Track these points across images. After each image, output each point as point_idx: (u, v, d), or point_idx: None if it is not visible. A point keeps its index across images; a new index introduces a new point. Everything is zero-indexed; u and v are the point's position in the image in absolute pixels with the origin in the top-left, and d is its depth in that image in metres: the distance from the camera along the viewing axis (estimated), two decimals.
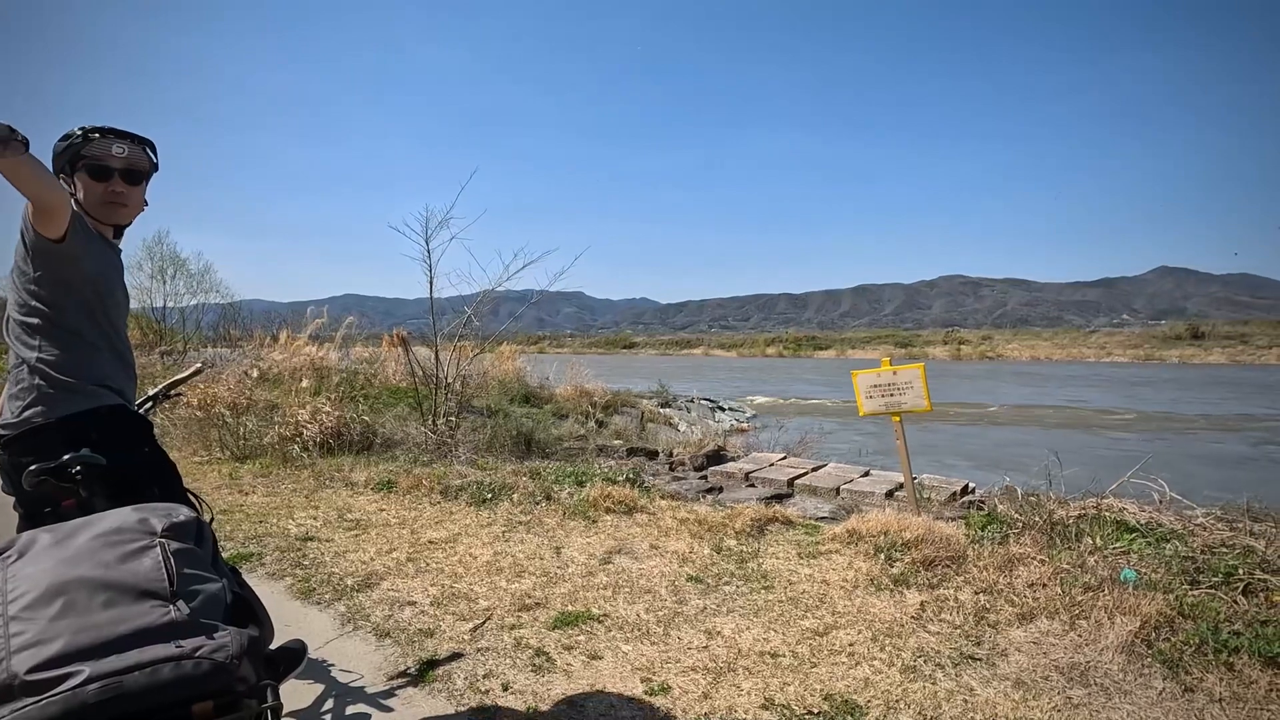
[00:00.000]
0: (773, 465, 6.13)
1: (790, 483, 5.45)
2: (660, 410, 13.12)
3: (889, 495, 4.99)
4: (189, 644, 1.04)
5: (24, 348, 1.68)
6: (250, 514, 4.68)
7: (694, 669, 2.52)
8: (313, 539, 4.13)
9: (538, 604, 3.10)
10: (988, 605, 2.97)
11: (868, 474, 5.72)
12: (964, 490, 5.12)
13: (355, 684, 2.47)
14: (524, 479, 5.24)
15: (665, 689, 2.39)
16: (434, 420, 7.22)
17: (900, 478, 4.97)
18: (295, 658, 1.77)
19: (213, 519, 1.47)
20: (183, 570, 1.16)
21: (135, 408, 1.89)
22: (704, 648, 2.69)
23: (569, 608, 3.05)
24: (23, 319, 1.69)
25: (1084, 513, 3.65)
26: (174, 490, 1.78)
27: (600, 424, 9.88)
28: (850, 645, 2.68)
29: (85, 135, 1.70)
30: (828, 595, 3.17)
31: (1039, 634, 2.73)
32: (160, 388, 2.42)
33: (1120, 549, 3.29)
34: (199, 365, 2.89)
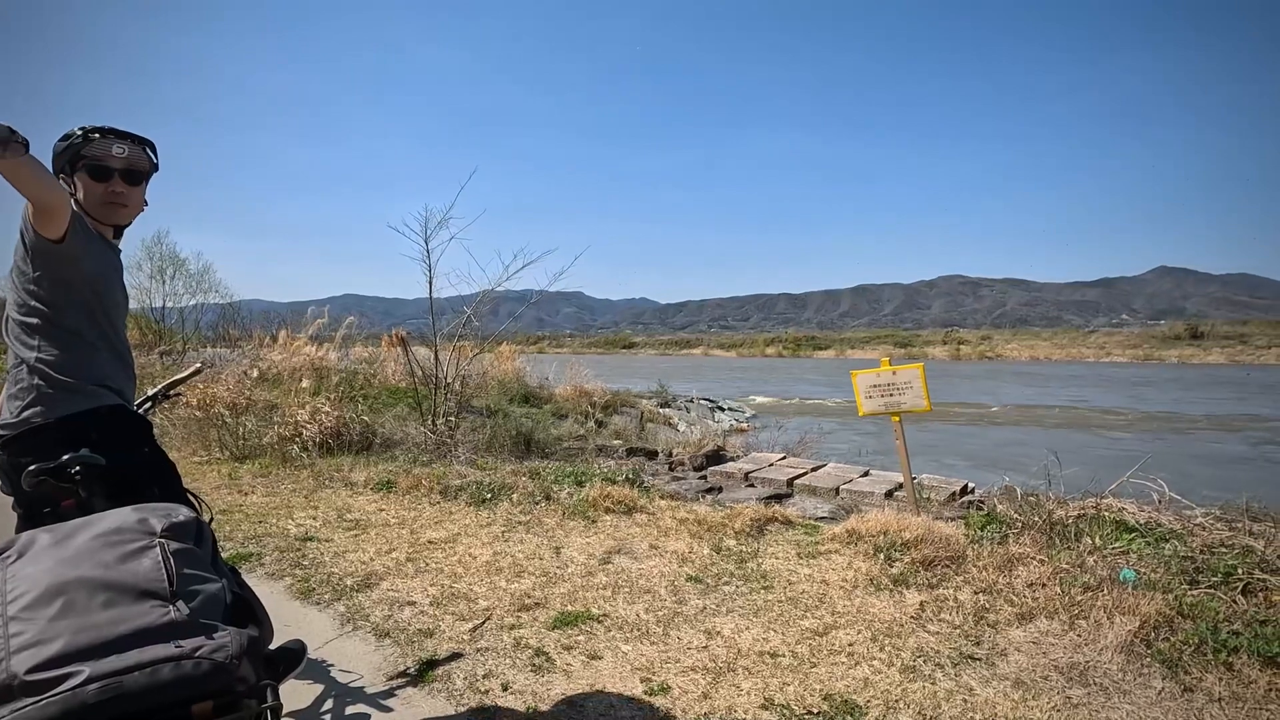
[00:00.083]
0: (772, 465, 6.14)
1: (790, 483, 5.45)
2: (660, 410, 13.12)
3: (888, 495, 4.99)
4: (189, 644, 1.04)
5: (23, 348, 1.68)
6: (249, 514, 4.68)
7: (693, 669, 2.52)
8: (312, 539, 4.12)
9: (537, 604, 3.10)
10: (987, 605, 2.98)
11: (867, 474, 5.72)
12: (963, 490, 5.12)
13: (355, 684, 2.47)
14: (523, 479, 5.24)
15: (665, 689, 2.39)
16: (433, 420, 7.22)
17: (900, 477, 4.97)
18: (295, 658, 1.78)
19: (212, 519, 1.47)
20: (182, 570, 1.16)
21: (135, 408, 1.89)
22: (703, 648, 2.69)
23: (568, 608, 3.05)
24: (22, 319, 1.69)
25: (1083, 513, 3.65)
26: (173, 490, 1.77)
27: (600, 424, 9.88)
28: (850, 645, 2.68)
29: (85, 135, 1.70)
30: (827, 595, 3.17)
31: (1038, 634, 2.74)
32: (159, 388, 2.42)
33: (1119, 549, 3.29)
34: (198, 365, 2.89)
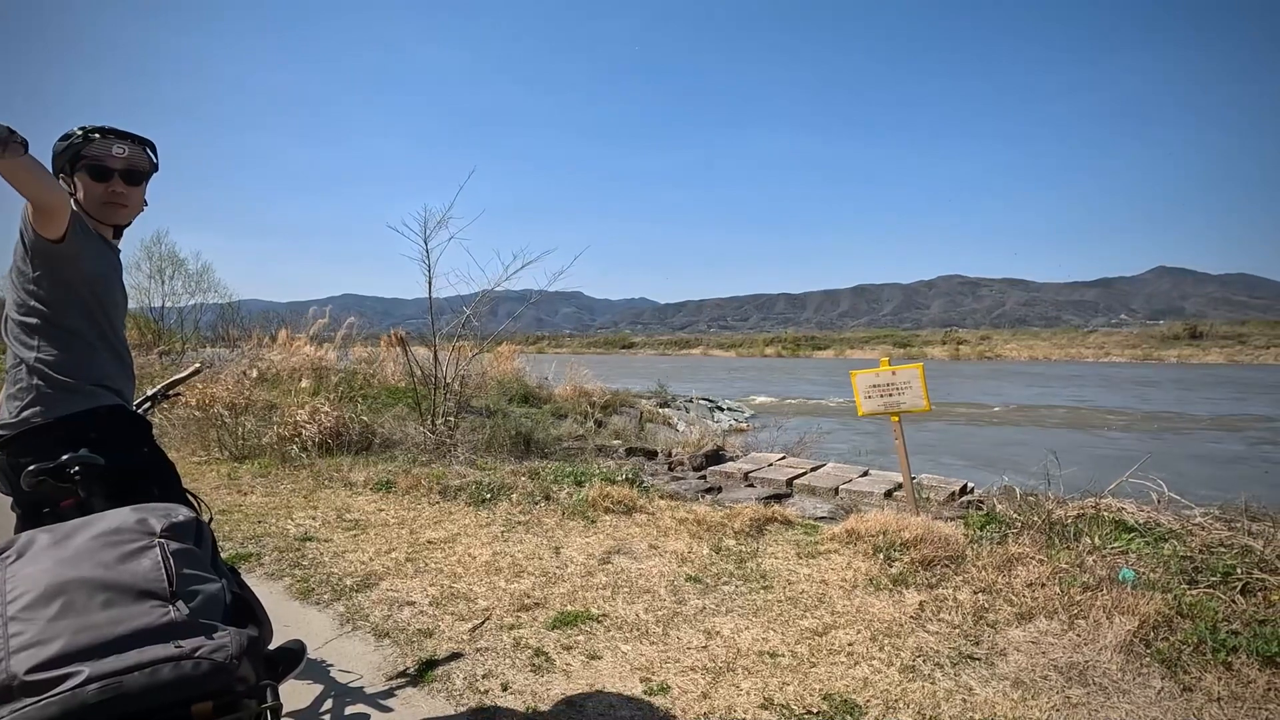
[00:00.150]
0: (771, 465, 6.14)
1: (789, 482, 5.45)
2: (659, 410, 13.11)
3: (888, 495, 5.00)
4: (188, 644, 1.04)
5: (22, 348, 1.68)
6: (249, 514, 4.68)
7: (693, 669, 2.52)
8: (311, 539, 4.12)
9: (537, 604, 3.10)
10: (986, 605, 2.98)
11: (866, 474, 5.72)
12: (963, 490, 5.13)
13: (354, 684, 2.47)
14: (523, 479, 5.24)
15: (664, 689, 2.39)
16: (433, 420, 7.22)
17: (899, 477, 4.97)
18: (294, 658, 1.77)
19: (211, 519, 1.47)
20: (182, 570, 1.16)
21: (134, 408, 1.89)
22: (703, 647, 2.69)
23: (568, 608, 3.05)
24: (21, 319, 1.69)
25: (1082, 512, 3.66)
26: (173, 490, 1.77)
27: (599, 424, 9.88)
28: (849, 645, 2.68)
29: (85, 135, 1.70)
30: (827, 595, 3.17)
31: (1038, 633, 2.74)
32: (159, 388, 2.42)
33: (1119, 549, 3.30)
34: (197, 365, 2.89)
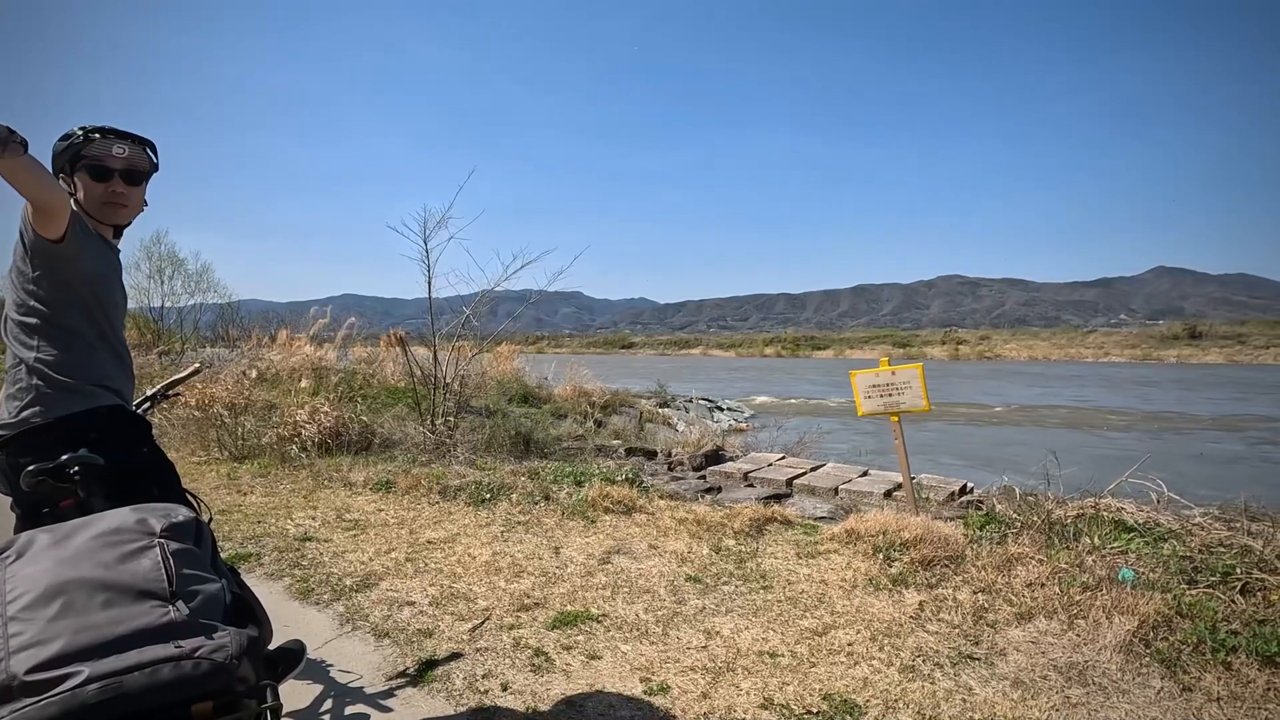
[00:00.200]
0: (771, 465, 6.14)
1: (789, 483, 5.45)
2: (659, 410, 13.11)
3: (887, 495, 5.00)
4: (188, 644, 1.04)
5: (22, 348, 1.68)
6: (248, 514, 4.67)
7: (693, 669, 2.52)
8: (311, 539, 4.12)
9: (536, 604, 3.10)
10: (986, 605, 2.98)
11: (866, 474, 5.72)
12: (962, 490, 5.13)
13: (354, 684, 2.47)
14: (522, 479, 5.23)
15: (664, 689, 2.39)
16: (432, 420, 7.22)
17: (899, 477, 4.97)
18: (294, 658, 1.77)
19: (211, 519, 1.47)
20: (182, 570, 1.16)
21: (133, 408, 1.89)
22: (703, 647, 2.69)
23: (568, 608, 3.05)
24: (21, 319, 1.68)
25: (1082, 512, 3.66)
26: (172, 490, 1.77)
27: (599, 424, 9.87)
28: (849, 645, 2.68)
29: (85, 135, 1.70)
30: (826, 595, 3.18)
31: (1037, 633, 2.74)
32: (158, 388, 2.41)
33: (1118, 548, 3.30)
34: (197, 365, 2.89)
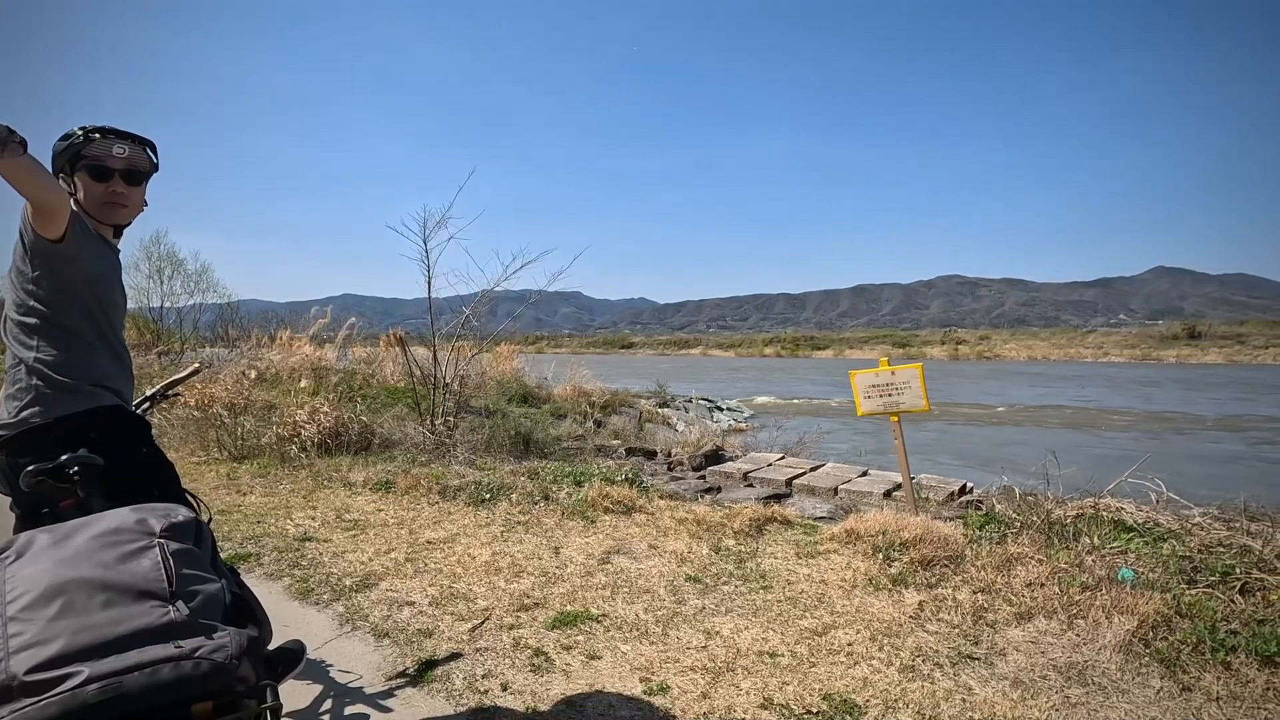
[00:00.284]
0: (771, 465, 6.14)
1: (788, 482, 5.45)
2: (658, 410, 13.10)
3: (887, 495, 5.00)
4: (188, 644, 1.04)
5: (22, 348, 1.68)
6: (248, 514, 4.67)
7: (693, 669, 2.52)
8: (311, 539, 4.12)
9: (536, 604, 3.10)
10: (986, 605, 2.98)
11: (866, 474, 5.72)
12: (962, 490, 5.13)
13: (354, 684, 2.47)
14: (522, 479, 5.23)
15: (664, 689, 2.39)
16: (432, 420, 7.22)
17: (898, 477, 4.97)
18: (294, 658, 1.77)
19: (210, 519, 1.46)
20: (182, 570, 1.16)
21: (133, 408, 1.89)
22: (703, 647, 2.69)
23: (568, 608, 3.05)
24: (21, 319, 1.68)
25: (1082, 512, 3.66)
26: (172, 490, 1.77)
27: (598, 424, 9.87)
28: (849, 645, 2.68)
29: (86, 135, 1.70)
30: (826, 595, 3.18)
31: (1037, 633, 2.74)
32: (158, 388, 2.41)
33: (1118, 548, 3.30)
34: (196, 365, 2.89)
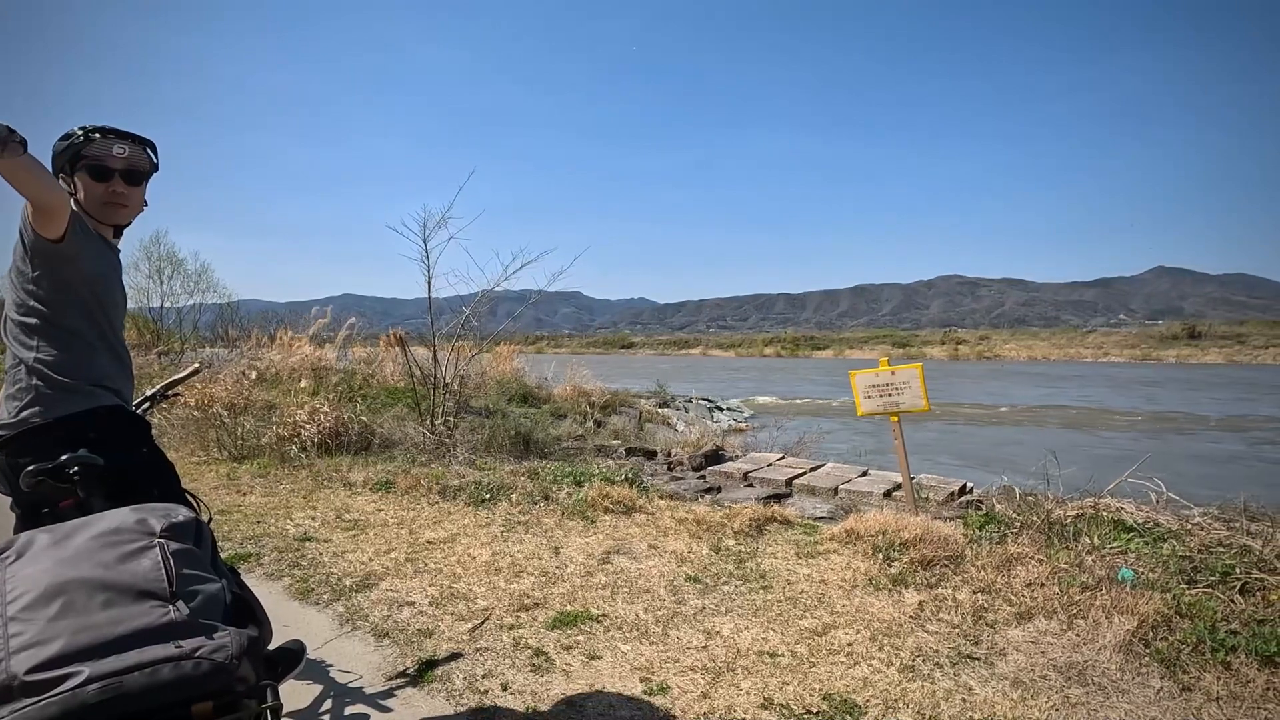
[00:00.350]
0: (771, 465, 6.14)
1: (788, 483, 5.45)
2: (658, 410, 13.10)
3: (887, 495, 5.00)
4: (188, 644, 1.04)
5: (22, 348, 1.68)
6: (248, 514, 4.67)
7: (693, 669, 2.52)
8: (311, 539, 4.12)
9: (536, 604, 3.10)
10: (986, 605, 2.98)
11: (866, 474, 5.72)
12: (962, 490, 5.13)
13: (354, 684, 2.47)
14: (522, 479, 5.23)
15: (664, 689, 2.39)
16: (432, 420, 7.22)
17: (898, 477, 4.97)
18: (294, 658, 1.77)
19: (211, 519, 1.46)
20: (182, 570, 1.16)
21: (133, 408, 1.89)
22: (703, 647, 2.69)
23: (568, 608, 3.05)
24: (21, 319, 1.68)
25: (1082, 512, 3.66)
26: (172, 490, 1.77)
27: (598, 424, 9.87)
28: (849, 645, 2.68)
29: (86, 135, 1.70)
30: (826, 595, 3.18)
31: (1037, 633, 2.74)
32: (158, 388, 2.41)
33: (1118, 548, 3.30)
34: (196, 365, 2.89)
